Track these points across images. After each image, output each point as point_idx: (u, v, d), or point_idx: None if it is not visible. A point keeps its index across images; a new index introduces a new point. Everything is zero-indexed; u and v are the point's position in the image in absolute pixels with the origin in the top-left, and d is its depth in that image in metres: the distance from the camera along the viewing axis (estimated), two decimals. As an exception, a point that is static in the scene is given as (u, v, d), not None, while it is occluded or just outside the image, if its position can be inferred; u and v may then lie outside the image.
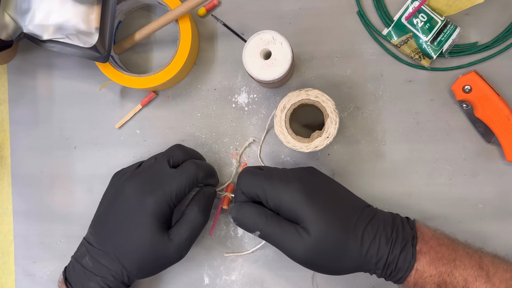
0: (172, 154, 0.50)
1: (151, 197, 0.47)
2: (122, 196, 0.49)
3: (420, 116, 0.54)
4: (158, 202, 0.47)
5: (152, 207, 0.47)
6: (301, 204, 0.45)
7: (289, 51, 0.47)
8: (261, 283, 0.55)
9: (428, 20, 0.52)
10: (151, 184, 0.48)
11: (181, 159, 0.50)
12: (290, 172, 0.48)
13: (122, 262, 0.48)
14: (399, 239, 0.44)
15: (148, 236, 0.47)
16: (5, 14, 0.51)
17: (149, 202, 0.47)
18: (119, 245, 0.48)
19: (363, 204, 0.48)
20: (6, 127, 0.60)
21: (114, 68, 0.54)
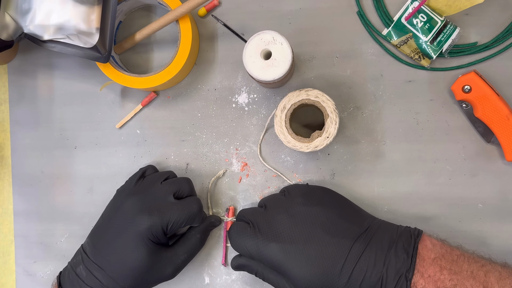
0: (180, 187, 0.51)
1: (148, 219, 0.48)
2: (121, 211, 0.49)
3: (420, 116, 0.54)
4: (154, 226, 0.48)
5: (147, 230, 0.48)
6: (281, 263, 0.46)
7: (289, 51, 0.47)
8: (261, 283, 0.55)
9: (428, 20, 0.52)
10: (151, 208, 0.49)
11: (186, 194, 0.51)
12: (277, 218, 0.48)
13: (115, 279, 0.48)
14: (391, 274, 0.42)
15: (142, 256, 0.48)
16: (6, 14, 0.51)
17: (145, 224, 0.48)
18: (113, 261, 0.48)
19: (356, 232, 0.45)
20: (7, 127, 0.60)
21: (115, 68, 0.54)
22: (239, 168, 0.56)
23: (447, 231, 0.53)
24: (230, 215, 0.55)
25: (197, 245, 0.52)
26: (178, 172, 0.57)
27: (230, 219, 0.55)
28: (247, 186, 0.56)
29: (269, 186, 0.56)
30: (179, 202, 0.50)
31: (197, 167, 0.57)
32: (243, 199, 0.56)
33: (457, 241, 0.53)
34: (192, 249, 0.51)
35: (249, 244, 0.47)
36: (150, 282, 0.50)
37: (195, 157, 0.57)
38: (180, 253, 0.50)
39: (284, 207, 0.48)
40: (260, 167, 0.56)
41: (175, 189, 0.50)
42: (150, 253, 0.48)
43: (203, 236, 0.52)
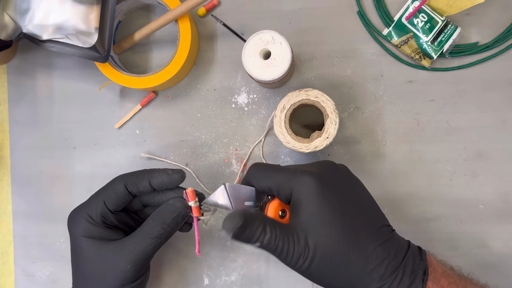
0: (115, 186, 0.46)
1: (70, 219, 0.46)
2: (69, 232, 0.47)
3: (421, 116, 0.54)
4: (75, 220, 0.46)
5: (73, 227, 0.46)
6: (311, 203, 0.39)
7: (289, 51, 0.47)
8: (260, 284, 0.55)
9: (428, 20, 0.52)
10: (75, 209, 0.47)
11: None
12: (310, 166, 0.42)
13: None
14: (407, 271, 0.39)
15: (83, 254, 0.45)
16: (5, 14, 0.51)
17: (70, 224, 0.46)
18: (77, 275, 0.46)
19: (382, 222, 0.42)
20: (6, 127, 0.60)
21: (114, 68, 0.54)
22: (239, 169, 0.56)
23: (447, 232, 0.53)
24: (191, 198, 0.45)
25: (148, 231, 0.44)
26: (177, 173, 0.57)
27: (192, 204, 0.45)
28: (246, 186, 0.56)
29: (269, 187, 0.55)
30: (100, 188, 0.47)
31: (197, 167, 0.57)
32: (243, 200, 0.56)
33: (457, 243, 0.53)
34: (142, 236, 0.44)
35: (278, 172, 0.41)
36: (111, 284, 0.45)
37: (195, 157, 0.57)
38: (128, 242, 0.44)
39: (314, 168, 0.41)
40: (260, 168, 0.56)
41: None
42: (88, 247, 0.44)
43: (158, 222, 0.44)
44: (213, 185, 0.56)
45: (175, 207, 0.45)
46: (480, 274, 0.52)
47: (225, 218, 0.38)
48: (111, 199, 0.46)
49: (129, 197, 0.46)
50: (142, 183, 0.46)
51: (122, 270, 0.44)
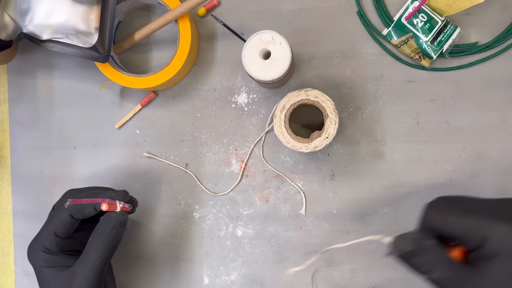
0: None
1: (28, 251, 0.48)
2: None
3: (420, 116, 0.54)
4: (34, 253, 0.47)
5: (33, 260, 0.47)
6: None
7: (289, 51, 0.47)
8: (260, 283, 0.55)
9: (428, 20, 0.52)
10: (32, 242, 0.48)
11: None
12: (503, 205, 0.38)
13: None
14: None
15: (46, 283, 0.46)
16: (5, 14, 0.51)
17: (30, 257, 0.47)
18: None
19: None
20: (6, 127, 0.60)
21: (114, 68, 0.54)
22: (238, 169, 0.56)
23: (447, 232, 0.53)
24: (113, 208, 0.46)
25: (91, 249, 0.45)
26: (177, 172, 0.57)
27: (120, 208, 0.47)
28: (246, 186, 0.56)
29: (269, 187, 0.55)
30: (48, 217, 0.49)
31: (197, 167, 0.57)
32: (243, 200, 0.56)
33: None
34: (86, 256, 0.45)
35: (470, 215, 0.36)
36: None
37: (194, 157, 0.57)
38: (76, 266, 0.45)
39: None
40: (260, 168, 0.56)
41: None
42: (48, 278, 0.46)
43: (97, 237, 0.45)
44: (213, 185, 0.56)
45: (110, 217, 0.46)
46: (480, 274, 0.52)
47: (398, 236, 0.38)
48: (60, 230, 0.47)
49: (77, 222, 0.47)
50: (87, 209, 0.47)
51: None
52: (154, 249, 0.57)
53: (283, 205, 0.55)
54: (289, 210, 0.55)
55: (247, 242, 0.56)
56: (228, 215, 0.56)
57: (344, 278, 0.54)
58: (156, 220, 0.57)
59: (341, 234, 0.54)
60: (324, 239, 0.55)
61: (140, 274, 0.57)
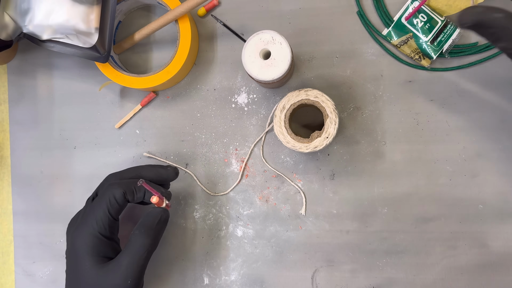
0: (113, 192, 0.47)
1: (75, 234, 0.46)
2: (68, 247, 0.48)
3: (420, 116, 0.54)
4: (82, 237, 0.46)
5: (79, 245, 0.46)
6: None
7: (289, 51, 0.47)
8: (260, 283, 0.55)
9: (428, 20, 0.52)
10: (77, 223, 0.47)
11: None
12: None
13: None
14: None
15: (85, 276, 0.45)
16: (5, 14, 0.51)
17: (76, 241, 0.46)
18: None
19: None
20: (6, 127, 0.60)
21: (114, 68, 0.54)
22: (238, 169, 0.56)
23: (447, 232, 0.53)
24: (160, 204, 0.48)
25: (137, 241, 0.45)
26: (177, 173, 0.57)
27: (164, 205, 0.48)
28: (246, 186, 0.56)
29: (269, 187, 0.56)
30: (95, 199, 0.47)
31: (197, 167, 0.57)
32: (243, 200, 0.56)
33: (457, 242, 0.53)
34: (133, 247, 0.45)
35: None
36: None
37: (195, 157, 0.57)
38: (122, 258, 0.45)
39: None
40: (260, 168, 0.56)
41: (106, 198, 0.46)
42: (92, 268, 0.45)
43: (143, 230, 0.46)
44: (213, 185, 0.56)
45: (156, 212, 0.47)
46: (480, 274, 0.53)
47: (465, 9, 0.40)
48: (114, 209, 0.46)
49: (125, 205, 0.48)
50: (139, 194, 0.47)
51: (121, 287, 0.45)
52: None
53: (283, 205, 0.55)
54: (289, 210, 0.55)
55: (247, 242, 0.56)
56: (228, 215, 0.56)
57: (344, 278, 0.54)
58: (156, 220, 0.57)
59: (341, 234, 0.54)
60: (324, 239, 0.55)
61: (140, 274, 0.57)
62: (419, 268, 0.53)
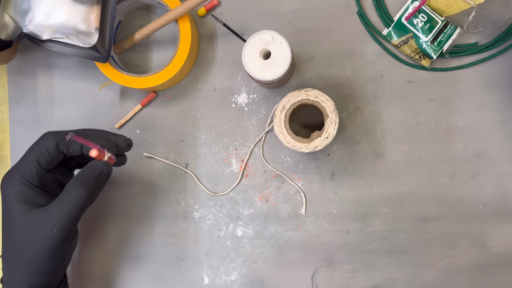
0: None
1: (3, 181, 0.45)
2: (1, 195, 0.46)
3: (420, 116, 0.54)
4: (10, 183, 0.44)
5: (6, 191, 0.44)
6: None
7: (289, 51, 0.47)
8: (260, 283, 0.55)
9: (428, 20, 0.52)
10: (8, 171, 0.46)
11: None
12: None
13: (12, 263, 0.45)
14: None
15: (14, 222, 0.44)
16: (5, 14, 0.51)
17: (4, 187, 0.45)
18: (6, 242, 0.45)
19: None
20: (6, 127, 0.60)
21: (114, 68, 0.54)
22: (239, 168, 0.56)
23: (447, 232, 0.53)
24: (100, 157, 0.45)
25: (71, 192, 0.43)
26: (177, 173, 0.57)
27: (107, 158, 0.45)
28: (246, 186, 0.56)
29: (269, 187, 0.56)
30: (30, 146, 0.46)
31: (197, 167, 0.57)
32: (243, 200, 0.56)
33: (457, 242, 0.53)
34: (66, 196, 0.44)
35: None
36: (40, 251, 0.44)
37: (195, 157, 0.57)
38: (52, 206, 0.43)
39: None
40: (260, 168, 0.56)
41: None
42: (19, 213, 0.43)
43: (79, 181, 0.44)
44: (213, 185, 0.56)
45: (97, 165, 0.44)
46: (480, 274, 0.53)
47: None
48: (44, 158, 0.45)
49: (60, 156, 0.46)
50: (74, 146, 0.45)
51: (48, 235, 0.43)
52: (154, 249, 0.57)
53: (283, 205, 0.55)
54: (289, 210, 0.55)
55: (247, 242, 0.56)
56: (228, 215, 0.56)
57: (344, 278, 0.54)
58: (156, 220, 0.57)
59: (341, 234, 0.54)
60: (324, 239, 0.55)
61: (140, 274, 0.57)
62: (419, 268, 0.53)
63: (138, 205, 0.57)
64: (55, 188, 0.47)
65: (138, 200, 0.58)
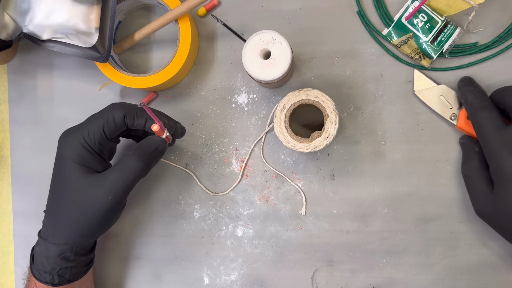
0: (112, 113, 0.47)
1: (64, 140, 0.46)
2: (57, 153, 0.48)
3: (420, 116, 0.54)
4: (70, 144, 0.45)
5: (65, 151, 0.45)
6: None
7: (289, 51, 0.47)
8: (260, 283, 0.55)
9: (428, 20, 0.52)
10: (71, 133, 0.47)
11: None
12: None
13: (61, 221, 0.46)
14: None
15: (68, 183, 0.45)
16: (5, 14, 0.51)
17: (63, 147, 0.46)
18: (56, 199, 0.47)
19: None
20: (6, 127, 0.60)
21: (114, 68, 0.54)
22: (239, 168, 0.56)
23: (447, 232, 0.53)
24: (161, 133, 0.48)
25: (129, 162, 0.45)
26: (177, 173, 0.57)
27: (164, 136, 0.48)
28: (246, 186, 0.56)
29: (269, 187, 0.56)
30: (96, 113, 0.47)
31: (197, 167, 0.57)
32: (243, 200, 0.56)
33: (457, 243, 0.53)
34: (122, 166, 0.45)
35: None
36: (92, 214, 0.45)
37: (195, 157, 0.57)
38: (109, 173, 0.45)
39: None
40: (260, 168, 0.56)
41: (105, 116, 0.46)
42: (75, 174, 0.45)
43: (137, 153, 0.46)
44: (213, 185, 0.56)
45: (154, 140, 0.47)
46: (480, 274, 0.53)
47: None
48: (109, 127, 0.46)
49: (123, 128, 0.47)
50: (140, 120, 0.47)
51: (103, 201, 0.45)
52: (154, 249, 0.57)
53: (283, 205, 0.55)
54: (289, 210, 0.55)
55: (247, 242, 0.56)
56: (228, 215, 0.56)
57: (344, 278, 0.54)
58: (156, 220, 0.57)
59: (341, 234, 0.54)
60: (324, 239, 0.55)
61: (140, 274, 0.57)
62: (419, 268, 0.53)
63: (138, 205, 0.57)
64: (108, 156, 0.49)
65: (138, 200, 0.58)
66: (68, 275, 0.48)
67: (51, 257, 0.47)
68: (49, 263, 0.47)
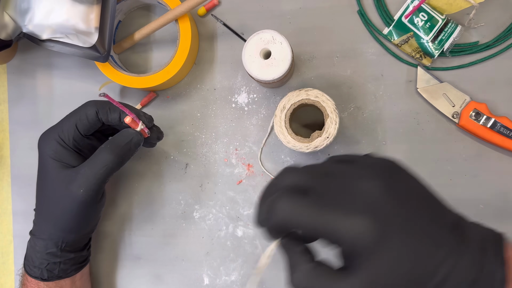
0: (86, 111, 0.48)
1: (41, 137, 0.48)
2: (38, 151, 0.49)
3: (421, 116, 0.53)
4: (47, 141, 0.47)
5: (43, 148, 0.47)
6: (363, 245, 0.29)
7: (289, 50, 0.47)
8: (261, 283, 0.55)
9: (428, 19, 0.52)
10: (49, 131, 0.49)
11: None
12: (361, 186, 0.31)
13: (45, 216, 0.48)
14: (485, 281, 0.30)
15: (48, 178, 0.47)
16: (5, 13, 0.51)
17: (41, 144, 0.48)
18: (39, 196, 0.49)
19: (449, 226, 0.32)
20: (6, 127, 0.60)
21: (114, 68, 0.54)
22: (239, 168, 0.56)
23: None
24: (134, 126, 0.47)
25: (100, 156, 0.46)
26: (177, 172, 0.57)
27: (139, 128, 0.48)
28: (246, 186, 0.56)
29: (269, 187, 0.55)
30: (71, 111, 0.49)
31: (197, 167, 0.57)
32: (243, 200, 0.56)
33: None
34: (95, 159, 0.46)
35: (308, 216, 0.31)
36: (67, 209, 0.46)
37: (195, 157, 0.57)
38: (81, 167, 0.46)
39: (368, 173, 0.32)
40: (260, 168, 0.56)
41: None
42: (52, 170, 0.47)
43: (108, 146, 0.46)
44: (213, 185, 0.56)
45: (128, 133, 0.47)
46: (481, 274, 0.52)
47: None
48: (82, 124, 0.47)
49: (98, 124, 0.48)
50: (113, 114, 0.48)
51: (75, 194, 0.46)
52: (154, 249, 0.57)
53: (283, 205, 0.55)
54: (290, 210, 0.55)
55: (248, 242, 0.56)
56: (228, 215, 0.56)
57: (344, 278, 0.54)
58: (156, 220, 0.57)
59: (342, 234, 0.54)
60: (324, 239, 0.54)
61: (140, 274, 0.57)
62: (420, 268, 0.53)
63: (138, 205, 0.57)
64: (89, 153, 0.49)
65: (137, 200, 0.57)
66: (57, 270, 0.49)
67: (39, 252, 0.48)
68: (37, 258, 0.48)
